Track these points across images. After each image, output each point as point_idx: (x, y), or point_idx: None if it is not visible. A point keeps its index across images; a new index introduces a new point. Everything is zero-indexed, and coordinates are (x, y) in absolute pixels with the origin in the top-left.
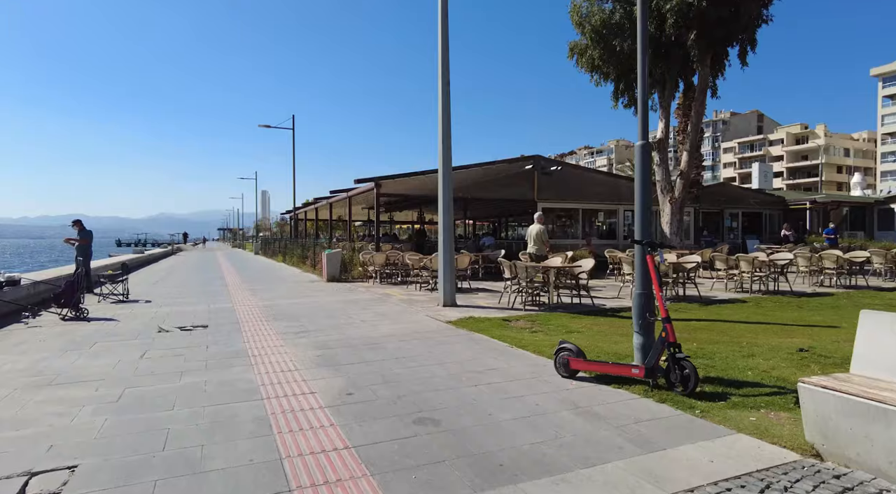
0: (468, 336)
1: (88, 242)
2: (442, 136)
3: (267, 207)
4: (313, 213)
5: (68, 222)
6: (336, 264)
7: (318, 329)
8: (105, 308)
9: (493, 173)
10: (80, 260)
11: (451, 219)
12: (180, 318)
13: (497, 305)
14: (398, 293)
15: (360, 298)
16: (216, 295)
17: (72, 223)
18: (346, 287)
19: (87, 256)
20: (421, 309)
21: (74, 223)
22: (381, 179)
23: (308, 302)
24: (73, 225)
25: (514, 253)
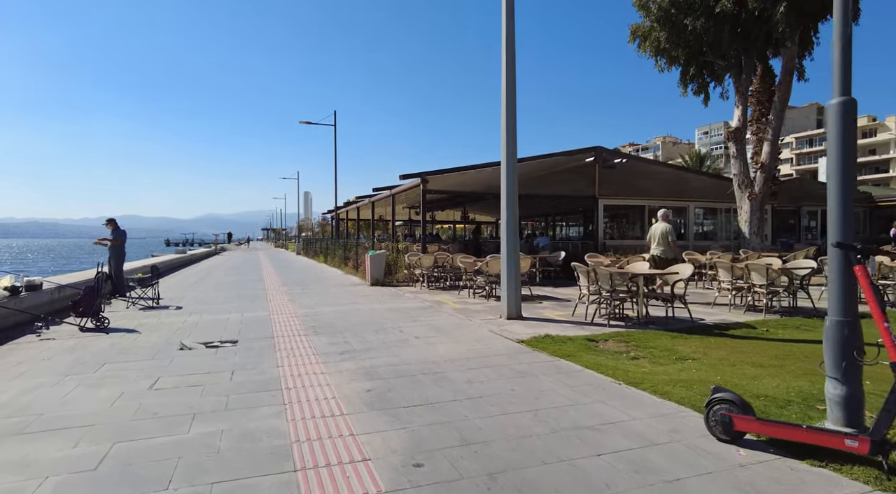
0: (553, 364)
1: (122, 242)
2: (506, 122)
3: (309, 208)
4: (355, 213)
5: (125, 222)
6: (380, 266)
7: (366, 347)
8: (131, 315)
9: (548, 167)
10: (111, 263)
11: (517, 217)
12: (208, 330)
13: (571, 318)
14: (450, 300)
15: (408, 306)
16: (252, 301)
17: (105, 222)
18: (391, 292)
19: (120, 258)
20: (482, 323)
21: (108, 222)
22: (429, 175)
23: (351, 311)
24: (107, 224)
25: (577, 256)
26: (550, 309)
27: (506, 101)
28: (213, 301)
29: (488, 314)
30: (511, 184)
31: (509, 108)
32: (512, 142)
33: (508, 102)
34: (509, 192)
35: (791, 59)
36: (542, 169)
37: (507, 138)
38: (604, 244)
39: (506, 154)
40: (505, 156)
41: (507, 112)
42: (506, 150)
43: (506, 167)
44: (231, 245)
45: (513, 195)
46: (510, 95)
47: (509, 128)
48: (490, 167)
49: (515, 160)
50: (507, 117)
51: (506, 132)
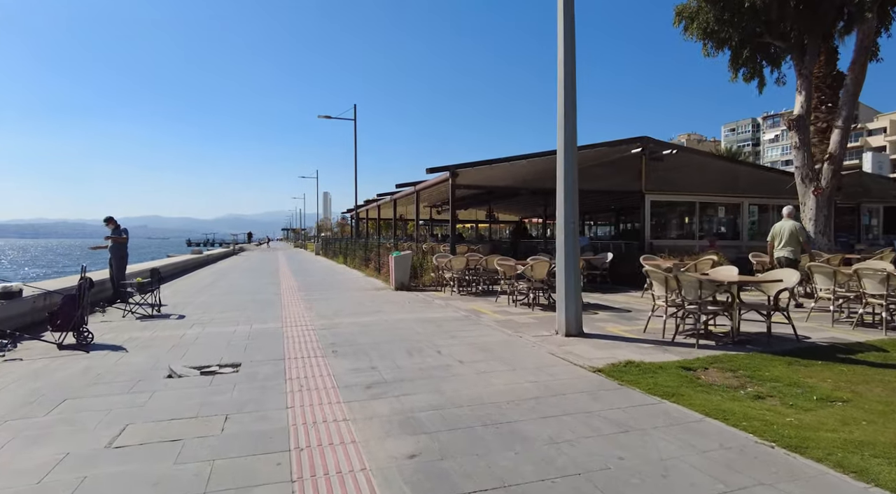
0: (658, 408)
1: (124, 242)
2: (563, 94)
3: (328, 208)
4: (375, 212)
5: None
6: (406, 269)
7: (399, 377)
8: (124, 327)
9: (589, 159)
10: (112, 265)
11: (577, 211)
12: (209, 348)
13: (644, 336)
14: (488, 309)
15: (441, 316)
16: (265, 308)
17: (104, 220)
18: (418, 298)
19: (122, 260)
20: (536, 341)
21: (107, 220)
22: (459, 168)
23: (376, 322)
24: (107, 222)
25: (624, 257)
26: (612, 323)
27: (563, 66)
28: (222, 308)
29: (539, 328)
30: (570, 171)
31: (568, 76)
32: (571, 119)
33: (567, 68)
34: (568, 182)
35: (868, 34)
36: (582, 161)
37: (566, 115)
38: (650, 244)
39: (564, 134)
40: (563, 136)
41: (566, 82)
42: (564, 130)
43: (564, 149)
44: (251, 245)
45: (572, 184)
46: (569, 57)
47: (568, 103)
48: (525, 159)
49: (575, 141)
50: (566, 88)
51: (563, 108)
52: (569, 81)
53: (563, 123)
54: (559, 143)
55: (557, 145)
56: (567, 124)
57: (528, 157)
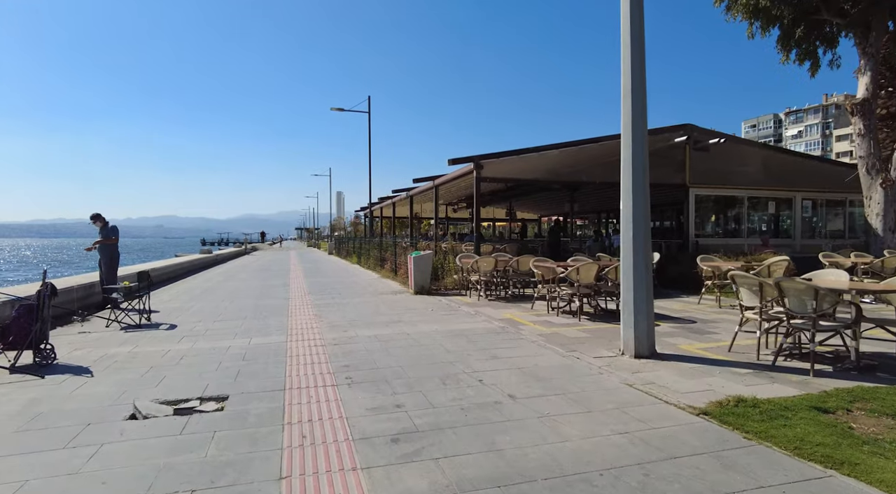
0: (825, 485)
1: (114, 243)
2: (632, 72)
3: (341, 207)
4: (390, 210)
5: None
6: (426, 271)
7: (436, 423)
8: (102, 340)
9: (619, 150)
10: (102, 267)
11: (648, 204)
12: (193, 371)
13: (728, 355)
14: (525, 318)
15: (473, 328)
16: (269, 316)
17: (91, 218)
18: (441, 303)
19: (113, 261)
20: (601, 365)
21: (94, 218)
22: (483, 159)
23: (397, 336)
24: (93, 220)
25: (670, 257)
26: (681, 338)
27: (631, 54)
28: (220, 316)
29: (596, 345)
30: (640, 152)
31: (636, 35)
32: (639, 85)
33: (633, 24)
34: (637, 166)
35: None
36: (610, 153)
37: (633, 79)
38: (696, 242)
39: (632, 105)
40: (630, 107)
41: (633, 42)
42: (631, 100)
43: (633, 125)
44: (264, 244)
45: (643, 169)
46: (637, 42)
47: (635, 62)
48: (557, 149)
49: (645, 115)
50: (633, 40)
51: (630, 68)
52: (636, 30)
53: (629, 91)
54: (625, 117)
55: (623, 120)
56: (635, 92)
57: (559, 147)
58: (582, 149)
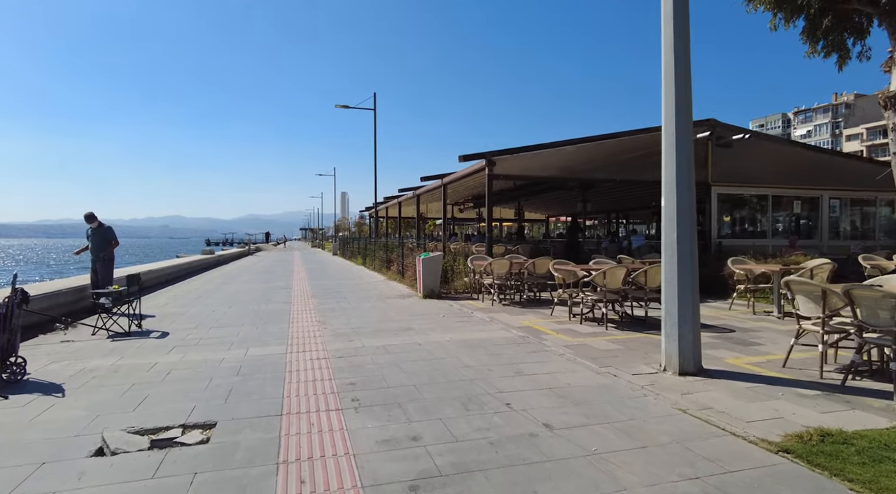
0: None
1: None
2: (675, 51)
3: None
4: (395, 210)
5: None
6: (436, 274)
7: (461, 464)
8: (84, 351)
9: (641, 146)
10: (97, 270)
11: (694, 200)
12: (179, 390)
13: (783, 371)
14: (545, 325)
15: (490, 337)
16: (269, 323)
17: (85, 218)
18: (453, 309)
19: (109, 263)
20: (644, 384)
21: (89, 218)
22: (496, 155)
23: (409, 347)
24: (88, 220)
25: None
26: (724, 350)
27: (674, 29)
28: (217, 322)
29: (631, 359)
30: (685, 141)
31: (679, 5)
32: (683, 67)
33: (679, 28)
34: (682, 158)
35: None
36: (631, 148)
37: (677, 67)
38: (719, 244)
39: (675, 89)
40: (674, 91)
41: (676, 14)
42: (674, 83)
43: (676, 110)
44: (268, 245)
45: (687, 162)
46: (680, 19)
47: (679, 47)
48: (573, 145)
49: (690, 101)
50: (676, 26)
51: (674, 55)
52: (680, 30)
53: (672, 71)
54: (667, 102)
55: (664, 107)
56: (679, 73)
57: (575, 143)
58: (599, 145)
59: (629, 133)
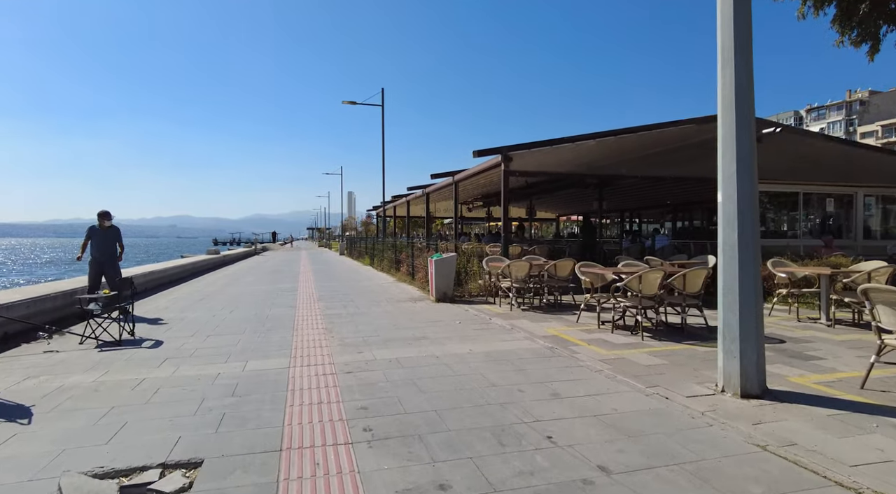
0: None
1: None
2: (734, 26)
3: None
4: (403, 209)
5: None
6: (449, 275)
7: None
8: (67, 363)
9: (664, 140)
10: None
11: (756, 199)
12: (164, 415)
13: (862, 394)
14: (573, 334)
15: (516, 348)
16: (271, 331)
17: (98, 216)
18: (469, 314)
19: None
20: (704, 410)
21: (103, 216)
22: (512, 150)
23: (425, 361)
24: (101, 219)
25: None
26: (782, 364)
27: None
28: (217, 328)
29: (680, 376)
30: (746, 131)
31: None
32: (743, 46)
33: None
34: (743, 146)
35: None
36: (649, 144)
37: (737, 43)
38: None
39: (734, 68)
40: (733, 70)
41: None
42: (734, 68)
43: (735, 93)
44: (275, 244)
45: (750, 150)
46: None
47: (739, 21)
48: (593, 139)
49: (752, 87)
50: (737, 24)
51: (733, 31)
52: None
53: (730, 49)
54: (724, 83)
55: (721, 90)
56: (739, 50)
57: (596, 137)
58: (620, 140)
59: (653, 127)
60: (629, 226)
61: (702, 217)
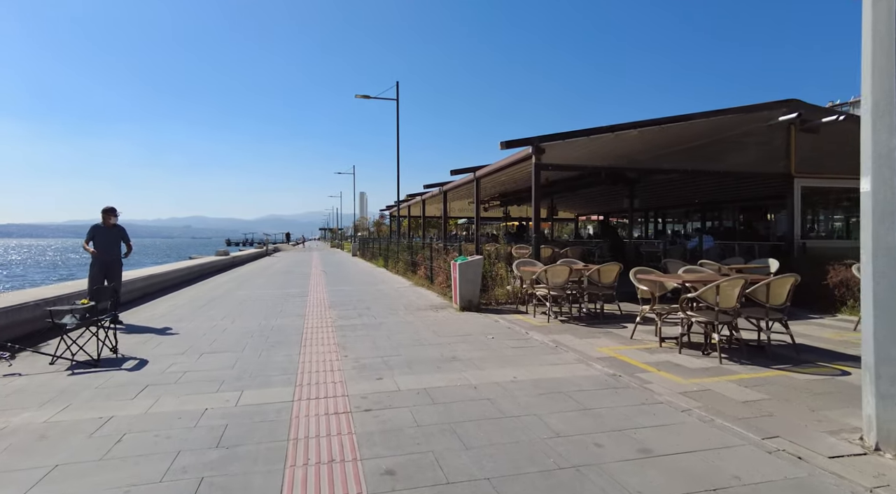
0: None
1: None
2: None
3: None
4: (418, 209)
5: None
6: (475, 281)
7: None
8: (21, 393)
9: (714, 129)
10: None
11: None
12: (122, 482)
13: None
14: (633, 356)
15: (570, 377)
16: (276, 346)
17: (103, 212)
18: (500, 325)
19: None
20: (858, 477)
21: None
22: (544, 141)
23: (461, 394)
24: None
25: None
26: None
27: None
28: (213, 343)
29: (797, 418)
30: None
31: None
32: None
33: None
34: None
35: None
36: (697, 134)
37: None
38: (802, 246)
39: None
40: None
41: None
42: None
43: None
44: (287, 245)
45: None
46: None
47: None
48: (635, 128)
49: None
50: None
51: None
52: None
53: None
54: (876, 44)
55: (867, 54)
56: None
57: (638, 126)
58: (664, 130)
59: (704, 114)
60: (660, 226)
61: (732, 217)
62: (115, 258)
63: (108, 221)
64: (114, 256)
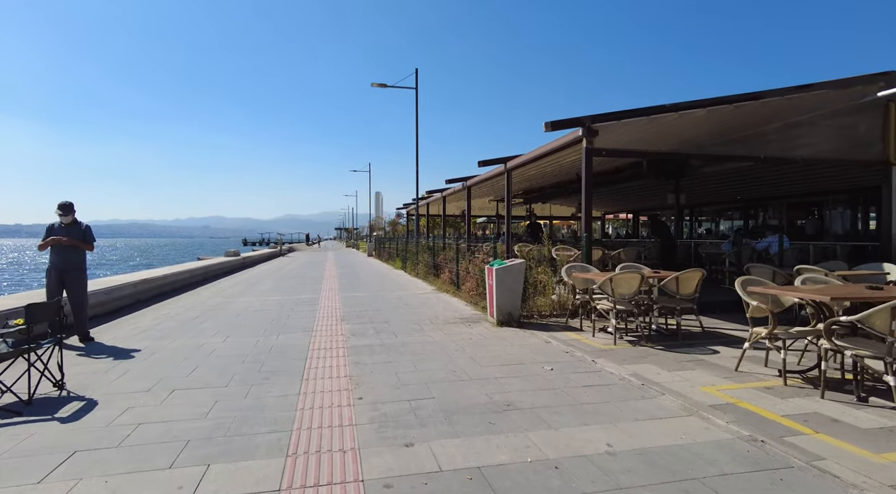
0: None
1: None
2: None
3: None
4: (437, 207)
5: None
6: (516, 290)
7: None
8: None
9: (784, 112)
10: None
11: None
12: None
13: None
14: (761, 403)
15: (686, 443)
16: (271, 378)
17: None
18: (555, 349)
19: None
20: None
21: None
22: (597, 121)
23: (538, 482)
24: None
25: None
26: None
27: None
28: (192, 374)
29: None
30: None
31: None
32: None
33: None
34: None
35: None
36: (770, 114)
37: None
38: None
39: None
40: None
41: None
42: None
43: None
44: (302, 244)
45: None
46: None
47: None
48: (704, 107)
49: None
50: None
51: None
52: None
53: None
54: None
55: None
56: None
57: (706, 104)
58: (736, 109)
59: (782, 91)
60: (696, 226)
61: (779, 215)
62: (73, 265)
63: (64, 219)
64: (71, 263)
